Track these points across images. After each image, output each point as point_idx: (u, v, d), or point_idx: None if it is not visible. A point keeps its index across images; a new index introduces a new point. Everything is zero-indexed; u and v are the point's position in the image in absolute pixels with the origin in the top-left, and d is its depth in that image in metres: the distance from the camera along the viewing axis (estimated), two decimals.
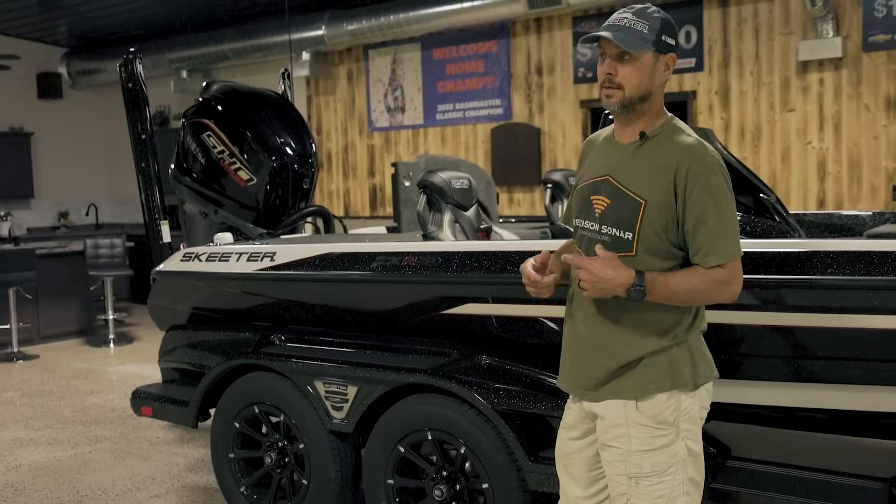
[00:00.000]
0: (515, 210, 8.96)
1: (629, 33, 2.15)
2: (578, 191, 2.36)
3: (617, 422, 2.23)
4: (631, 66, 2.16)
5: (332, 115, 10.39)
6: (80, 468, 4.88)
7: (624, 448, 2.21)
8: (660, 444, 2.19)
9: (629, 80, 2.17)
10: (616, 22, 2.19)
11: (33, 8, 9.93)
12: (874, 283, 2.62)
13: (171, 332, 4.43)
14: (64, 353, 8.38)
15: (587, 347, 2.29)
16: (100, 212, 12.15)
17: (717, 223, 2.12)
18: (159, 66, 10.59)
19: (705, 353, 2.30)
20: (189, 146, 4.86)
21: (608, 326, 2.23)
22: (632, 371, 2.21)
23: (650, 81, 2.19)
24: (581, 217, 2.31)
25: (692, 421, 2.23)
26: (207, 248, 4.24)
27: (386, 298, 3.64)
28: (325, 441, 3.59)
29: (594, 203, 2.26)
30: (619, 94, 2.18)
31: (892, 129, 7.12)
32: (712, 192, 2.13)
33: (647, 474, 2.18)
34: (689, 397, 2.21)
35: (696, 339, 2.27)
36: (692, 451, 2.22)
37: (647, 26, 2.16)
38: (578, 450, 2.40)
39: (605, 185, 2.24)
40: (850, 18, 7.21)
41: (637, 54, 2.16)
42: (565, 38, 8.65)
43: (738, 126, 7.79)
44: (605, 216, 2.23)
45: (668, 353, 2.20)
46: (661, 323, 2.20)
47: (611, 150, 2.31)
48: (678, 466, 2.20)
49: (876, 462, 2.90)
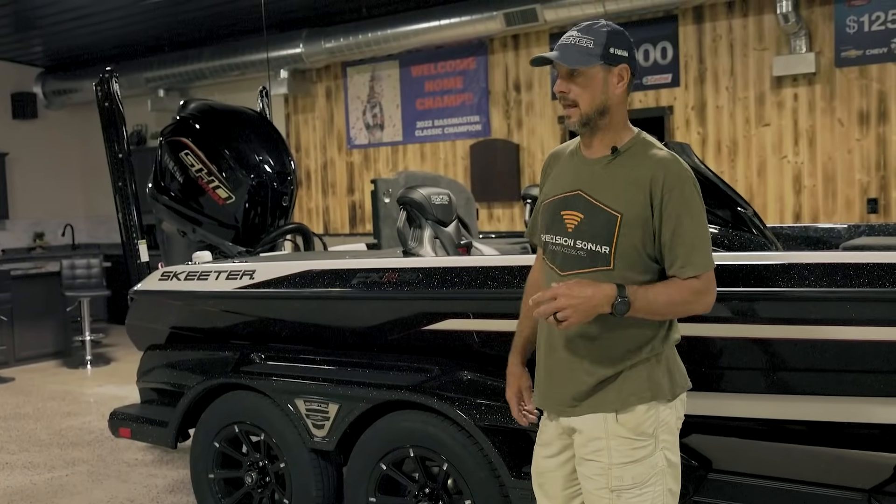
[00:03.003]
0: (495, 226, 8.98)
1: (573, 50, 2.18)
2: (546, 206, 2.34)
3: (596, 435, 2.22)
4: (580, 81, 2.19)
5: (311, 132, 10.39)
6: (56, 491, 4.81)
7: (605, 461, 2.20)
8: (640, 455, 2.19)
9: (581, 96, 2.19)
10: (563, 41, 2.22)
11: (7, 28, 9.87)
12: (850, 294, 2.65)
13: (149, 352, 4.39)
14: (40, 375, 8.27)
15: (563, 363, 2.28)
16: (76, 232, 12.04)
17: (692, 235, 2.14)
18: (136, 85, 10.55)
19: (679, 364, 2.31)
20: (167, 165, 4.84)
21: (585, 342, 2.23)
22: (611, 384, 2.21)
23: (604, 95, 2.20)
24: (551, 232, 2.30)
25: (670, 431, 2.24)
26: (186, 266, 4.21)
27: (367, 315, 3.63)
28: (306, 460, 3.57)
29: (565, 218, 2.25)
30: (576, 112, 2.21)
31: (865, 143, 7.22)
32: (688, 204, 2.15)
33: (628, 486, 2.18)
34: (666, 408, 2.22)
35: (671, 349, 2.28)
36: (671, 461, 2.23)
37: (591, 41, 2.18)
38: (554, 467, 2.38)
39: (577, 200, 2.24)
40: (822, 34, 7.32)
41: (584, 69, 2.18)
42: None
43: (714, 141, 7.87)
44: (580, 231, 2.22)
45: (647, 365, 2.21)
46: (638, 336, 2.20)
47: (579, 164, 2.30)
48: (658, 477, 2.20)
49: (856, 473, 2.91)
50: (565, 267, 2.24)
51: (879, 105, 7.16)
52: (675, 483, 2.25)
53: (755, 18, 7.63)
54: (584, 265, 2.21)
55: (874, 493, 2.78)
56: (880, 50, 7.12)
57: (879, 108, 7.16)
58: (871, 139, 7.21)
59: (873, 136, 7.20)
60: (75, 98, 11.48)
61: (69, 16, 9.38)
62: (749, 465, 3.00)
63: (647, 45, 8.11)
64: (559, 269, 2.26)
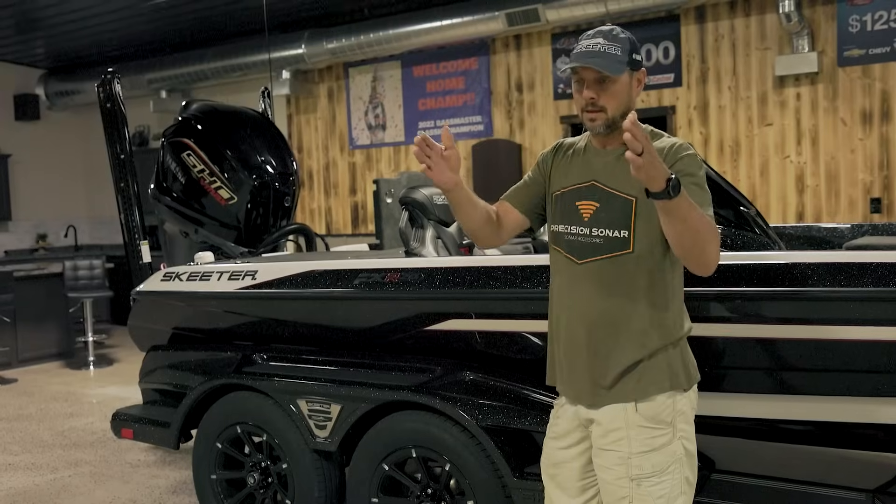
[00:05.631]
0: None
1: (606, 58, 2.20)
2: (559, 197, 2.38)
3: (616, 426, 2.25)
4: (611, 88, 2.22)
5: (313, 133, 10.39)
6: (59, 492, 4.81)
7: (624, 451, 2.23)
8: (659, 443, 2.22)
9: (611, 102, 2.23)
10: (590, 48, 2.22)
11: (10, 29, 9.88)
12: (854, 294, 2.65)
13: (151, 353, 4.39)
14: (43, 376, 8.28)
15: (583, 353, 2.29)
16: (78, 233, 12.05)
17: (700, 198, 2.14)
18: (138, 87, 10.57)
19: (691, 355, 2.35)
20: (169, 166, 4.84)
21: (604, 332, 2.25)
22: (631, 375, 2.24)
23: (629, 99, 2.27)
24: (565, 223, 2.34)
25: (687, 421, 2.28)
26: (188, 267, 4.21)
27: (369, 315, 3.63)
28: (308, 460, 3.56)
29: (581, 208, 2.30)
30: (602, 116, 2.24)
31: (868, 143, 7.21)
32: (693, 174, 2.19)
33: (648, 475, 2.21)
34: (683, 397, 2.27)
35: (685, 340, 2.32)
36: (688, 450, 2.27)
37: (619, 48, 2.23)
38: (570, 458, 2.40)
39: (592, 190, 2.29)
40: (825, 34, 7.31)
41: (616, 77, 2.21)
42: (545, 55, 8.71)
43: (717, 140, 7.86)
44: (597, 219, 2.26)
45: (665, 354, 2.24)
46: (655, 324, 2.23)
47: (591, 157, 2.35)
48: (676, 465, 2.23)
49: (859, 473, 2.90)
50: (583, 255, 2.28)
51: (882, 104, 7.15)
52: (691, 472, 2.28)
53: (757, 18, 7.62)
54: (601, 252, 2.25)
55: (878, 493, 2.77)
56: (883, 49, 7.11)
57: (882, 108, 7.15)
58: (874, 139, 7.19)
59: (876, 136, 7.19)
60: (77, 99, 11.50)
61: (71, 17, 9.39)
62: (752, 466, 3.00)
63: (650, 45, 8.11)
64: (577, 259, 2.30)
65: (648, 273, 2.23)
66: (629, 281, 2.24)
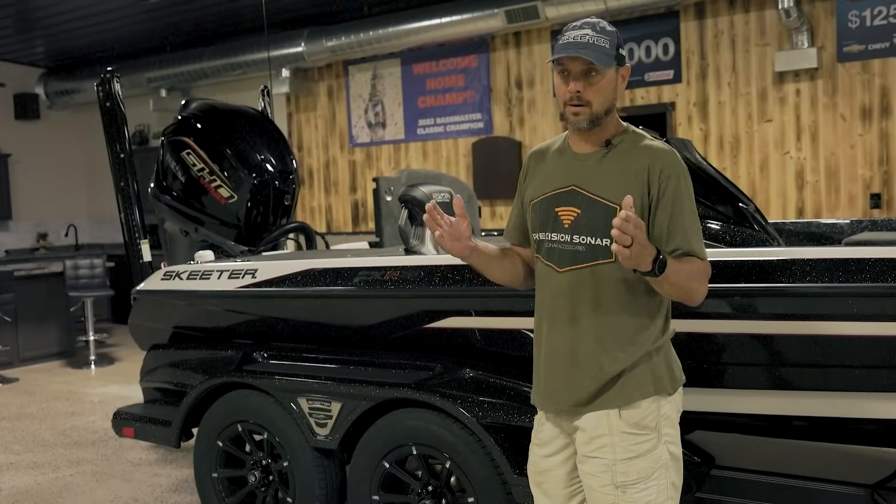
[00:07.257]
0: (497, 223, 8.98)
1: (597, 50, 2.13)
2: (537, 204, 2.31)
3: (600, 432, 2.21)
4: (598, 82, 2.15)
5: (313, 131, 10.39)
6: (61, 491, 4.82)
7: (609, 457, 2.19)
8: (643, 449, 2.18)
9: (597, 97, 2.16)
10: (579, 39, 2.14)
11: (10, 28, 9.88)
12: (853, 290, 2.65)
13: (152, 352, 4.39)
14: (44, 375, 8.29)
15: (564, 363, 2.25)
16: (79, 232, 12.06)
17: (690, 223, 2.15)
18: (138, 85, 10.56)
19: (676, 358, 2.31)
20: (168, 164, 4.84)
21: (587, 343, 2.21)
22: (614, 382, 2.19)
23: (614, 94, 2.21)
24: (546, 230, 2.27)
25: (672, 425, 2.24)
26: (188, 266, 4.22)
27: (369, 313, 3.63)
28: (309, 458, 3.57)
29: (561, 215, 2.23)
30: (586, 111, 2.17)
31: (868, 139, 7.21)
32: (683, 195, 2.16)
33: (633, 482, 2.17)
34: (667, 402, 2.22)
35: (668, 343, 2.28)
36: (673, 454, 2.23)
37: (607, 41, 2.16)
38: (554, 466, 2.37)
39: (572, 196, 2.22)
40: (824, 29, 7.31)
41: (604, 70, 2.15)
42: (544, 52, 8.71)
43: (716, 137, 7.86)
44: (578, 226, 2.20)
45: (649, 360, 2.20)
46: (639, 333, 2.20)
47: (570, 161, 2.27)
48: (662, 471, 2.19)
49: (858, 468, 2.91)
50: (563, 263, 2.23)
51: (882, 100, 7.15)
52: (677, 476, 2.25)
53: (757, 14, 7.61)
54: (583, 259, 2.19)
55: (877, 488, 2.78)
56: (882, 44, 7.10)
57: (882, 103, 7.15)
58: (874, 134, 7.19)
59: (876, 132, 7.18)
60: (77, 98, 11.49)
61: (71, 17, 9.39)
62: (752, 462, 3.00)
63: (649, 42, 8.10)
64: (557, 266, 2.25)
65: (632, 282, 2.17)
66: (612, 290, 2.18)
